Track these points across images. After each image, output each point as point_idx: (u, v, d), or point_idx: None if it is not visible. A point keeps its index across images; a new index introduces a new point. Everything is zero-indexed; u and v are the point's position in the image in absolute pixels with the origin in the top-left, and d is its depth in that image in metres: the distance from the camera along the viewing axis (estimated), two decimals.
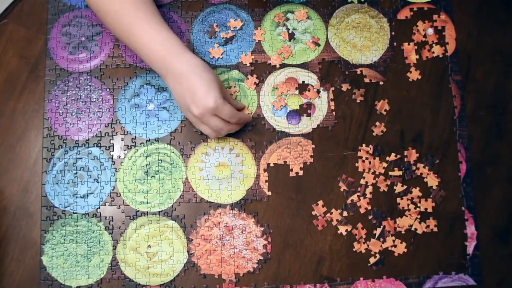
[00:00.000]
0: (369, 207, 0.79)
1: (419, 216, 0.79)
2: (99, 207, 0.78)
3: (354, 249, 0.78)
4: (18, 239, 0.77)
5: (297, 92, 0.82)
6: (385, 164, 0.80)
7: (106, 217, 0.78)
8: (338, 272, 0.78)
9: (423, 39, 0.85)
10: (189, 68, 0.70)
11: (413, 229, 0.79)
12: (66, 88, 0.81)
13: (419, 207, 0.79)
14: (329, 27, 0.84)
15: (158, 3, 0.83)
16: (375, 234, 0.79)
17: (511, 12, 0.86)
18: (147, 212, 0.78)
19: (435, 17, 0.85)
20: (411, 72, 0.83)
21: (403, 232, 0.79)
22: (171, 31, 0.73)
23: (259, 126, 0.81)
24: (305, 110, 0.82)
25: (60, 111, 0.80)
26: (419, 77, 0.83)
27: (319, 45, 0.83)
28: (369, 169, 0.80)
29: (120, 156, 0.79)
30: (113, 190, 0.78)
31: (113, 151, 0.80)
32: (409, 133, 0.82)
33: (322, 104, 0.82)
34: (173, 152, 0.79)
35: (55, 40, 0.82)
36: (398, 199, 0.80)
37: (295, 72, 0.82)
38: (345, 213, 0.79)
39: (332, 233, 0.79)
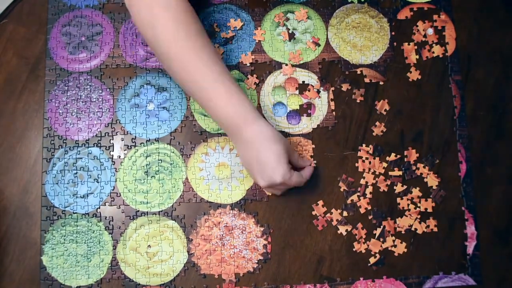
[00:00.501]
0: (369, 207, 0.79)
1: (419, 216, 0.79)
2: (99, 207, 0.78)
3: (354, 249, 0.78)
4: (18, 239, 0.77)
5: (297, 92, 0.82)
6: (385, 164, 0.80)
7: (106, 217, 0.78)
8: (338, 272, 0.78)
9: (423, 39, 0.85)
10: (260, 138, 0.68)
11: (413, 229, 0.79)
12: (66, 88, 0.81)
13: (419, 207, 0.79)
14: (329, 27, 0.84)
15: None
16: (375, 234, 0.79)
17: (511, 12, 0.86)
18: (147, 212, 0.78)
19: (435, 17, 0.85)
20: (411, 72, 0.83)
21: (403, 232, 0.79)
22: (242, 92, 0.70)
23: None
24: (305, 110, 0.82)
25: (60, 111, 0.80)
26: (419, 77, 0.83)
27: (319, 45, 0.83)
28: (369, 169, 0.80)
29: (120, 156, 0.79)
30: (113, 190, 0.78)
31: (113, 151, 0.80)
32: (409, 133, 0.82)
33: (322, 104, 0.82)
34: (173, 152, 0.79)
35: (55, 40, 0.82)
36: (398, 199, 0.80)
37: (295, 72, 0.82)
38: (345, 213, 0.79)
39: (332, 233, 0.79)
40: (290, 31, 0.83)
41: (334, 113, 0.82)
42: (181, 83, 0.72)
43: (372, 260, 0.78)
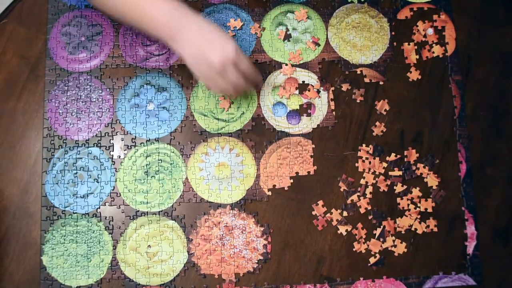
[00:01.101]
0: (369, 207, 0.79)
1: (419, 216, 0.79)
2: (99, 207, 0.78)
3: (354, 249, 0.78)
4: (18, 239, 0.77)
5: (297, 92, 0.82)
6: (385, 164, 0.80)
7: (106, 217, 0.78)
8: (338, 272, 0.78)
9: (423, 39, 0.85)
10: (205, 23, 0.69)
11: (413, 229, 0.79)
12: (66, 88, 0.81)
13: (419, 207, 0.79)
14: (329, 27, 0.84)
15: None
16: (375, 234, 0.79)
17: (511, 12, 0.86)
18: (147, 212, 0.78)
19: (435, 17, 0.85)
20: (411, 72, 0.83)
21: (403, 232, 0.79)
22: None
23: (259, 126, 0.81)
24: (305, 110, 0.82)
25: (60, 111, 0.80)
26: (419, 77, 0.83)
27: (319, 45, 0.83)
28: (369, 169, 0.80)
29: (120, 156, 0.79)
30: (113, 190, 0.78)
31: (113, 151, 0.80)
32: (409, 133, 0.82)
33: (322, 104, 0.82)
34: (173, 152, 0.79)
35: (55, 40, 0.82)
36: (398, 199, 0.80)
37: (295, 72, 0.82)
38: (345, 213, 0.79)
39: (332, 233, 0.79)
40: (288, 32, 0.83)
41: (334, 113, 0.82)
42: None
43: (372, 260, 0.78)
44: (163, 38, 0.70)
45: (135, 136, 0.80)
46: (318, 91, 0.82)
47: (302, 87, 0.82)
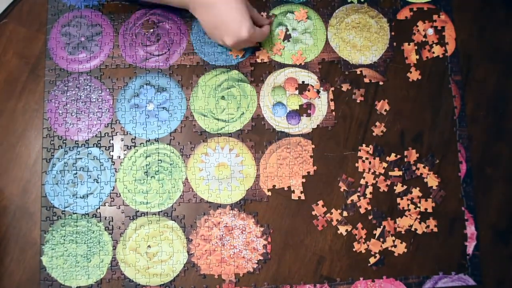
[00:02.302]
0: (369, 207, 0.79)
1: (419, 216, 0.79)
2: (99, 207, 0.78)
3: (354, 249, 0.78)
4: (18, 239, 0.77)
5: (297, 92, 0.82)
6: (385, 164, 0.80)
7: (106, 217, 0.78)
8: (338, 272, 0.78)
9: (423, 39, 0.84)
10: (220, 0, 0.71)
11: (413, 229, 0.79)
12: (65, 88, 0.81)
13: (419, 207, 0.79)
14: (329, 27, 0.84)
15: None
16: (375, 234, 0.79)
17: (511, 12, 0.86)
18: (147, 212, 0.78)
19: (435, 17, 0.85)
20: (411, 72, 0.83)
21: (403, 232, 0.79)
22: None
23: (259, 126, 0.81)
24: (305, 110, 0.81)
25: (60, 111, 0.80)
26: (419, 77, 0.83)
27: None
28: (369, 169, 0.80)
29: (120, 156, 0.79)
30: (113, 190, 0.78)
31: (113, 151, 0.80)
32: (409, 133, 0.82)
33: (322, 104, 0.82)
34: (173, 152, 0.79)
35: (55, 40, 0.82)
36: (398, 199, 0.80)
37: (295, 72, 0.82)
38: (345, 213, 0.79)
39: (332, 233, 0.79)
40: (288, 32, 0.83)
41: (334, 113, 0.82)
42: None
43: (372, 260, 0.78)
44: (183, 4, 0.75)
45: (135, 137, 0.80)
46: (318, 91, 0.82)
47: (302, 87, 0.82)
